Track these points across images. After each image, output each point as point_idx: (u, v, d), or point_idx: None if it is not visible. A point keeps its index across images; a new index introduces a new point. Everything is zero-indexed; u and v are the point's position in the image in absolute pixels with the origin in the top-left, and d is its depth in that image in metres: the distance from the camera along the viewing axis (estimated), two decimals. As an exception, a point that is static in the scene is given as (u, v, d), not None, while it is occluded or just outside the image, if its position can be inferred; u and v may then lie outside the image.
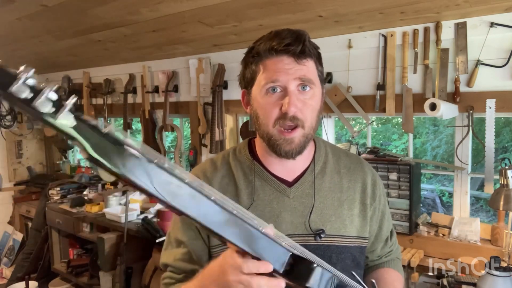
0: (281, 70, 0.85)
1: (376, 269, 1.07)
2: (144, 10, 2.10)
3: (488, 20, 1.76)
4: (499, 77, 1.77)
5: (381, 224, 1.04)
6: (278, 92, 0.86)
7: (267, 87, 0.87)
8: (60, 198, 3.35)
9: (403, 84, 2.00)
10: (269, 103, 0.87)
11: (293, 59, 0.86)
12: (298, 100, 0.86)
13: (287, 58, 0.86)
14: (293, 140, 0.87)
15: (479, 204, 5.94)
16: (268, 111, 0.88)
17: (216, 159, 1.02)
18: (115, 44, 2.79)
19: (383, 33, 2.05)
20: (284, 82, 0.85)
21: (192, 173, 1.02)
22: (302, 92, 0.87)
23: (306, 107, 0.87)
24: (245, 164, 0.98)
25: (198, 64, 2.80)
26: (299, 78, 0.85)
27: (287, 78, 0.85)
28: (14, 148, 4.10)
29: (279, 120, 0.86)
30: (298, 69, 0.86)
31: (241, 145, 1.03)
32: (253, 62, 0.90)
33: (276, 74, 0.86)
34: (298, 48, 0.85)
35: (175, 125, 3.00)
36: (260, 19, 2.07)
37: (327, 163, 0.99)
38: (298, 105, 0.86)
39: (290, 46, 0.85)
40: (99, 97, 3.58)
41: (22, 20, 2.46)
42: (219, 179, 0.98)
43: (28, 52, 3.35)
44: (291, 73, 0.85)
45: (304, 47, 0.85)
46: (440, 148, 6.36)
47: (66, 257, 3.31)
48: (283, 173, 0.96)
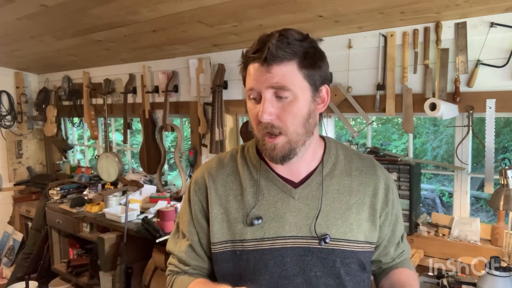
0: (255, 77, 0.86)
1: (391, 270, 1.07)
2: (144, 10, 2.10)
3: (488, 20, 1.76)
4: (499, 77, 1.77)
5: (395, 228, 1.03)
6: (257, 99, 0.87)
7: (248, 93, 0.88)
8: (60, 198, 3.35)
9: (403, 84, 2.00)
10: (251, 109, 0.89)
11: (262, 66, 0.85)
12: (274, 107, 0.85)
13: (258, 65, 0.85)
14: (275, 146, 0.87)
15: (479, 204, 5.94)
16: (252, 116, 0.90)
17: (224, 156, 1.04)
18: (115, 44, 2.79)
19: (383, 33, 2.05)
20: (257, 89, 0.86)
21: (198, 170, 1.04)
22: (279, 99, 0.85)
23: (285, 114, 0.85)
24: (251, 163, 0.98)
25: (198, 64, 2.80)
26: (271, 86, 0.84)
27: (259, 86, 0.85)
28: (14, 148, 4.10)
29: (260, 127, 0.87)
30: (270, 77, 0.84)
31: (250, 143, 1.03)
32: (242, 66, 0.91)
33: (251, 82, 0.87)
34: (263, 55, 0.83)
35: (175, 125, 3.00)
36: (260, 19, 2.07)
37: (337, 165, 0.98)
38: (274, 112, 0.85)
39: (256, 53, 0.85)
40: (99, 97, 3.58)
41: (22, 20, 2.46)
42: (224, 177, 0.98)
43: (28, 52, 3.35)
44: (262, 81, 0.84)
45: (268, 54, 0.82)
46: (441, 148, 6.36)
47: (66, 257, 3.31)
48: (288, 174, 0.96)
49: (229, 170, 0.99)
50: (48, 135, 4.04)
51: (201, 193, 0.99)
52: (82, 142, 4.32)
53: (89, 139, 4.09)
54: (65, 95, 3.84)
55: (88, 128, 3.79)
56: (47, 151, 4.33)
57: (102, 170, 3.47)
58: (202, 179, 1.00)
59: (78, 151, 4.44)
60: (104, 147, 3.54)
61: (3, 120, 3.97)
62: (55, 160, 4.27)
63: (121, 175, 3.37)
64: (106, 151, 3.45)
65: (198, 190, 1.00)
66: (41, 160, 4.32)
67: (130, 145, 3.69)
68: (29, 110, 4.14)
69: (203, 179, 1.00)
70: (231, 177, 0.98)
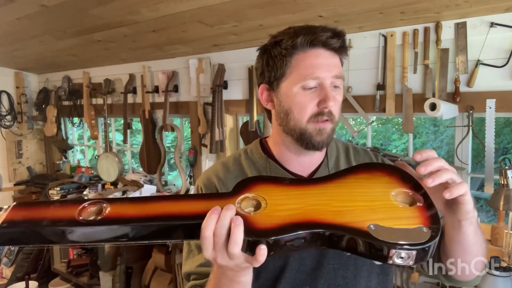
0: (320, 66, 0.84)
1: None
2: (144, 10, 2.10)
3: (488, 20, 1.76)
4: (499, 77, 1.77)
5: None
6: (315, 88, 0.85)
7: (304, 83, 0.84)
8: (60, 198, 3.35)
9: (403, 84, 2.00)
10: (307, 99, 0.85)
11: (331, 53, 0.85)
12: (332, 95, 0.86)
13: (325, 52, 0.84)
14: (325, 131, 0.86)
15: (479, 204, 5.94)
16: (304, 107, 0.85)
17: (227, 161, 1.01)
18: (115, 44, 2.79)
19: (383, 33, 2.05)
20: (322, 78, 0.84)
21: (203, 176, 1.00)
22: (334, 88, 0.86)
23: (336, 103, 0.87)
24: (258, 163, 0.97)
25: (198, 64, 2.80)
26: (335, 75, 0.85)
27: (326, 75, 0.84)
28: (14, 148, 4.10)
29: (317, 116, 0.85)
30: (336, 66, 0.86)
31: (252, 145, 1.02)
32: (285, 55, 0.85)
33: (316, 71, 0.83)
34: (339, 42, 0.84)
35: (175, 125, 3.00)
36: (260, 19, 2.07)
37: (339, 157, 0.99)
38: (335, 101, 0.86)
39: (331, 39, 0.84)
40: (99, 97, 3.58)
41: (22, 20, 2.47)
42: (233, 179, 0.95)
43: (28, 52, 3.35)
44: (329, 69, 0.84)
45: (343, 43, 0.85)
46: (442, 149, 6.36)
47: (66, 257, 3.31)
48: (298, 168, 0.95)
49: (236, 172, 0.97)
50: (48, 135, 4.05)
51: None
52: (82, 142, 4.32)
53: (89, 139, 4.09)
54: (65, 95, 3.84)
55: (88, 128, 3.79)
56: (47, 151, 4.33)
57: (102, 170, 3.47)
58: (211, 184, 0.97)
59: (78, 151, 4.44)
60: (104, 147, 3.54)
61: (3, 120, 3.97)
62: (55, 160, 4.27)
63: (121, 175, 3.37)
64: (106, 151, 3.45)
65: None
66: (41, 160, 4.32)
67: (130, 145, 3.69)
68: (29, 110, 4.14)
69: (212, 184, 0.96)
70: (240, 179, 0.97)
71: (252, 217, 0.67)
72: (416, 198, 0.71)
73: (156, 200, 0.71)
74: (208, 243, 0.65)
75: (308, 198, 0.72)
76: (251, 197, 0.71)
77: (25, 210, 0.66)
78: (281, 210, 0.68)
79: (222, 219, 0.64)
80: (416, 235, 0.63)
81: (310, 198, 0.72)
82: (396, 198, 0.71)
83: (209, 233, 0.64)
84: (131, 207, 0.68)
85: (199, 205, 0.68)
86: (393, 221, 0.65)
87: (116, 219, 0.65)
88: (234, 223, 0.64)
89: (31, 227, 0.63)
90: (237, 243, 0.63)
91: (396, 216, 0.67)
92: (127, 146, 3.64)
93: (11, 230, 0.63)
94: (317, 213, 0.67)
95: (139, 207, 0.68)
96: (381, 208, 0.68)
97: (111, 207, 0.67)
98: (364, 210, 0.68)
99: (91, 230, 0.64)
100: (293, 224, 0.65)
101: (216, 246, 0.65)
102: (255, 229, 0.64)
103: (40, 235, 0.63)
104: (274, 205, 0.69)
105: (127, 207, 0.68)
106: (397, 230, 0.63)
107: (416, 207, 0.69)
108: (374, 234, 0.63)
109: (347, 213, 0.67)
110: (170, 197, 0.72)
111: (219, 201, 0.69)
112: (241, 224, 0.64)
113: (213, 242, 0.65)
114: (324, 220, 0.66)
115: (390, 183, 0.75)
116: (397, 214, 0.67)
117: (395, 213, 0.68)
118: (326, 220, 0.66)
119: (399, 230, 0.63)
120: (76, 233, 0.64)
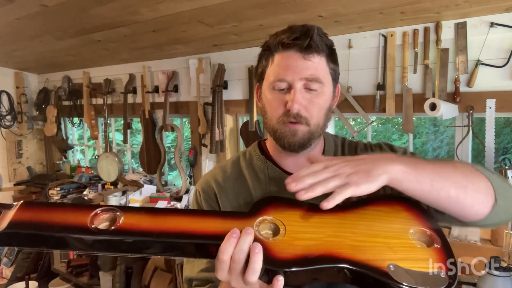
0: (289, 67, 0.84)
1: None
2: (144, 10, 2.10)
3: (488, 20, 1.76)
4: (499, 77, 1.77)
5: None
6: (284, 89, 0.85)
7: (273, 84, 0.86)
8: (60, 198, 3.35)
9: (403, 84, 2.00)
10: (275, 99, 0.86)
11: (300, 54, 0.84)
12: (303, 98, 0.84)
13: (294, 53, 0.84)
14: (296, 132, 0.86)
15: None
16: (274, 107, 0.87)
17: (225, 164, 1.01)
18: (115, 44, 2.79)
19: (383, 33, 2.05)
20: (290, 80, 0.84)
21: (202, 181, 1.01)
22: (308, 91, 0.85)
23: (312, 105, 0.85)
24: (256, 165, 0.97)
25: (198, 64, 2.80)
26: (305, 78, 0.84)
27: (293, 77, 0.83)
28: (14, 148, 4.10)
29: (284, 116, 0.85)
30: (305, 68, 0.83)
31: (250, 148, 1.02)
32: (264, 55, 0.89)
33: (283, 72, 0.84)
34: (305, 42, 0.82)
35: (175, 125, 3.00)
36: (260, 19, 2.07)
37: (337, 155, 0.98)
38: (303, 103, 0.84)
39: (298, 40, 0.83)
40: (99, 97, 3.58)
41: (22, 20, 2.46)
42: (231, 182, 0.96)
43: (28, 52, 3.35)
44: (297, 72, 0.83)
45: (311, 42, 0.83)
46: (442, 149, 6.36)
47: (66, 257, 3.31)
48: (295, 168, 0.93)
49: (234, 175, 0.97)
50: (48, 135, 4.05)
51: (212, 201, 0.96)
52: (82, 142, 4.32)
53: (89, 139, 4.09)
54: (65, 95, 3.84)
55: (88, 128, 3.79)
56: (47, 151, 4.33)
57: (102, 170, 3.47)
58: (209, 188, 0.97)
59: (78, 151, 4.44)
60: (104, 147, 3.54)
61: (3, 120, 3.97)
62: (55, 160, 4.27)
63: (121, 175, 3.37)
64: (106, 151, 3.45)
65: (208, 199, 0.97)
66: (41, 160, 4.32)
67: (130, 145, 3.69)
68: (29, 110, 4.14)
69: (210, 188, 0.97)
70: (238, 181, 0.96)
71: (271, 243, 0.65)
72: (433, 238, 0.70)
73: (172, 213, 0.69)
74: (224, 267, 0.63)
75: (327, 227, 0.70)
76: (269, 220, 0.70)
77: (33, 211, 0.62)
78: (300, 239, 0.67)
79: (242, 243, 0.63)
80: (434, 280, 0.62)
81: (329, 228, 0.70)
82: (414, 237, 0.70)
83: (226, 257, 0.63)
84: (146, 218, 0.65)
85: (216, 223, 0.67)
86: (412, 263, 0.65)
87: (130, 231, 0.62)
88: (253, 250, 0.62)
89: (38, 231, 0.60)
90: (255, 272, 0.62)
91: (414, 257, 0.66)
92: (127, 146, 3.64)
93: (16, 231, 0.59)
94: (337, 246, 0.66)
95: (155, 220, 0.65)
96: (400, 247, 0.68)
97: (125, 217, 0.64)
98: (383, 248, 0.67)
99: (102, 239, 0.61)
100: (312, 257, 0.64)
101: (233, 271, 0.64)
102: (275, 258, 0.63)
103: (46, 240, 0.60)
104: (293, 232, 0.68)
105: (142, 219, 0.65)
106: (416, 273, 0.63)
107: (434, 249, 0.68)
108: (394, 275, 0.62)
109: (366, 249, 0.66)
110: (186, 212, 0.71)
111: (237, 221, 0.67)
112: (261, 252, 0.62)
113: (229, 266, 0.63)
114: (344, 255, 0.65)
115: (408, 219, 0.74)
116: (415, 255, 0.67)
117: (413, 253, 0.67)
118: (346, 256, 0.65)
119: (418, 274, 0.63)
120: (86, 242, 0.60)
